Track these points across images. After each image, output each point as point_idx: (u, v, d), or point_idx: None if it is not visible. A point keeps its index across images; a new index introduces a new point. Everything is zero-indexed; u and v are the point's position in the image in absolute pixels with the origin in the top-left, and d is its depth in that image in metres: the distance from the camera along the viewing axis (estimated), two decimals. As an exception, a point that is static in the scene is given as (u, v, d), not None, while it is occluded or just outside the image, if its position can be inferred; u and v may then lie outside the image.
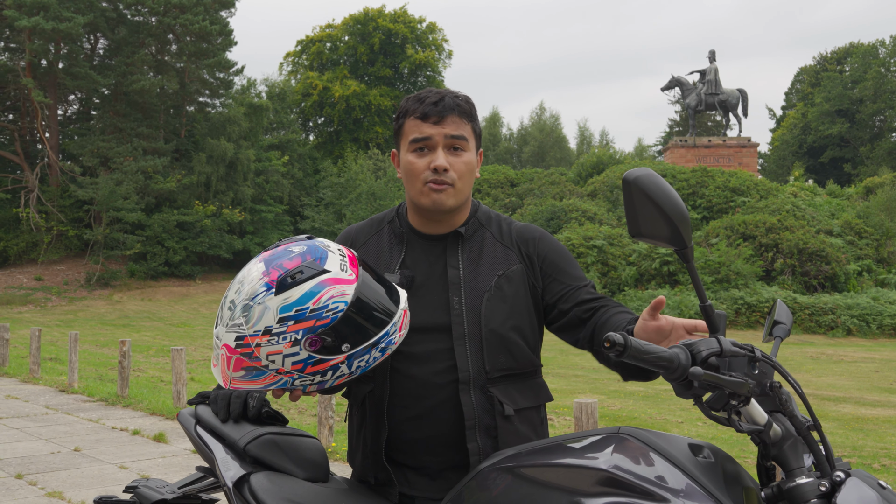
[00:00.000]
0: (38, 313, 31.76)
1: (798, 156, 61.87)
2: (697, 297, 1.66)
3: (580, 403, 5.46)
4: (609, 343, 1.47)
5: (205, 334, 24.02)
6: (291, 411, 10.47)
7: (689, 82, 43.28)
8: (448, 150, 2.09)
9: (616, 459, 1.62)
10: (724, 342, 1.57)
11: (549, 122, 71.17)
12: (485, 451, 2.02)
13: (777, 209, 32.48)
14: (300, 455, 2.22)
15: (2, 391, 11.63)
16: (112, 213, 37.59)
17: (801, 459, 1.63)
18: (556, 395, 12.08)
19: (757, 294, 26.74)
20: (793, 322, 2.09)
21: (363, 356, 1.87)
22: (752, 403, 1.59)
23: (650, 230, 1.61)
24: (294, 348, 1.82)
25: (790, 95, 71.14)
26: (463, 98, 2.14)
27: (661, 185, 1.59)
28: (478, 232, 2.18)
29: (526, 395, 2.10)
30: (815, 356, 18.91)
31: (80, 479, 6.58)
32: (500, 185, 42.90)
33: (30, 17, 37.19)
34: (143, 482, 2.50)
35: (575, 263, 2.20)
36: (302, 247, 1.89)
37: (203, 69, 44.20)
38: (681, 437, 1.69)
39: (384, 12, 55.47)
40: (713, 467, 1.62)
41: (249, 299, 1.83)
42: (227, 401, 2.29)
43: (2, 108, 43.66)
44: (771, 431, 1.61)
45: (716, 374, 1.49)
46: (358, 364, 1.87)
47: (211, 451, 2.25)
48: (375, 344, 1.87)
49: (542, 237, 2.19)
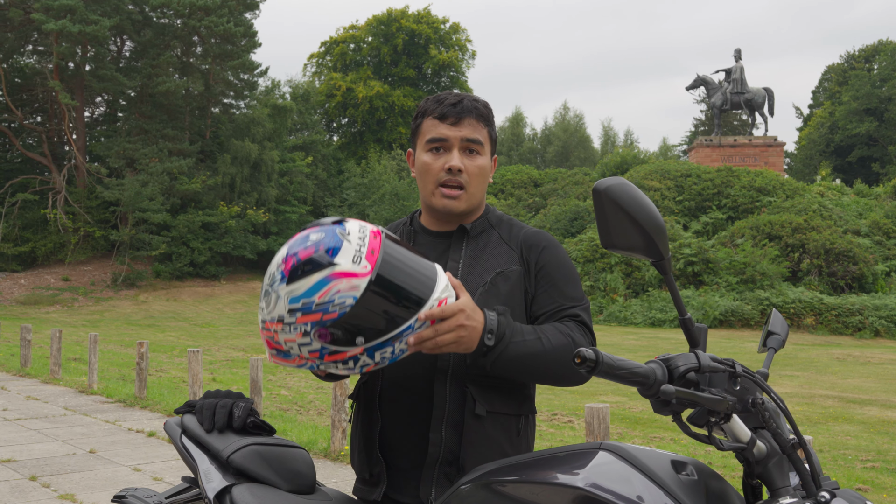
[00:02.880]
0: (64, 313, 32.08)
1: (825, 155, 61.20)
2: (676, 310, 1.61)
3: (591, 408, 5.39)
4: (580, 359, 1.42)
5: (228, 334, 24.14)
6: (311, 412, 10.48)
7: (715, 81, 42.97)
8: (463, 153, 2.10)
9: (594, 477, 1.58)
10: (702, 357, 1.51)
11: (573, 121, 70.94)
12: (448, 446, 2.00)
13: (804, 209, 32.14)
14: (285, 466, 2.19)
15: (23, 392, 11.73)
16: (138, 214, 37.89)
17: (786, 478, 1.57)
18: (577, 396, 12.06)
19: (783, 295, 26.46)
20: (788, 332, 2.03)
21: (384, 348, 1.79)
22: (735, 420, 1.53)
23: (623, 241, 1.56)
24: (306, 339, 1.77)
25: (817, 94, 70.38)
26: (482, 103, 2.16)
27: (635, 194, 1.54)
28: (486, 231, 2.17)
29: (507, 402, 2.05)
30: (841, 358, 18.66)
31: (94, 481, 6.60)
32: (523, 185, 42.81)
33: (57, 20, 37.57)
34: (130, 491, 2.48)
35: (574, 282, 2.12)
36: (320, 234, 1.81)
37: (228, 71, 44.46)
38: (664, 454, 1.64)
39: (407, 13, 55.53)
40: (695, 485, 1.57)
41: (269, 285, 1.81)
42: (213, 410, 2.27)
43: (30, 111, 44.18)
44: (755, 449, 1.55)
45: (690, 392, 1.43)
46: (382, 356, 1.80)
47: (195, 462, 2.23)
48: (398, 337, 1.78)
49: (548, 247, 2.14)
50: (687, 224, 34.32)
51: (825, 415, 10.81)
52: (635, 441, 8.84)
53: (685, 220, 34.63)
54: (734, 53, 42.49)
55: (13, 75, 42.40)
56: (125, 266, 37.72)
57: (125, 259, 37.88)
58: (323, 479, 6.76)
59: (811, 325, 25.35)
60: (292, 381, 13.55)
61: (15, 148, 43.66)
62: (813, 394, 12.78)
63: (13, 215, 38.91)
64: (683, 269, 29.39)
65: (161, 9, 42.56)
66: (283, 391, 12.26)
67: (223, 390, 2.36)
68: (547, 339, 1.94)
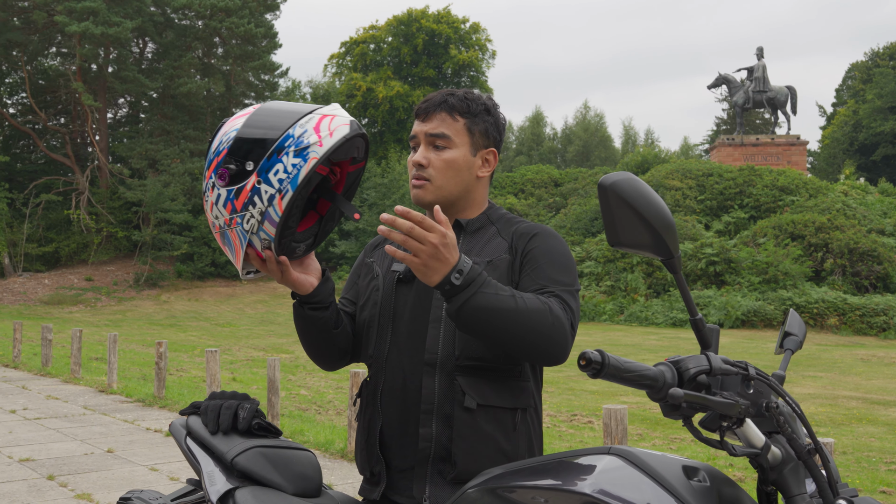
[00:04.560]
0: (87, 313, 32.33)
1: (849, 153, 60.54)
2: (687, 311, 1.55)
3: (609, 409, 5.32)
4: (585, 361, 1.36)
5: (249, 334, 24.22)
6: (330, 412, 10.46)
7: (737, 80, 42.62)
8: (429, 147, 2.07)
9: (602, 483, 1.52)
10: (713, 359, 1.45)
11: (594, 121, 70.68)
12: (438, 441, 1.97)
13: (827, 208, 31.80)
14: (290, 469, 2.15)
15: (43, 391, 11.80)
16: (160, 215, 38.14)
17: (802, 485, 1.51)
18: (597, 396, 11.97)
19: (806, 295, 26.18)
20: (805, 333, 1.96)
21: (275, 166, 1.84)
22: (748, 424, 1.48)
23: (631, 239, 1.50)
24: (214, 193, 1.90)
25: (841, 92, 69.67)
26: (459, 95, 2.10)
27: (642, 190, 1.48)
28: (484, 227, 2.13)
29: (499, 394, 1.99)
30: (865, 358, 18.43)
31: (111, 480, 6.61)
32: (543, 184, 42.68)
33: (80, 22, 37.90)
34: (136, 493, 2.45)
35: (561, 267, 2.01)
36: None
37: (248, 72, 44.69)
38: (676, 458, 1.59)
39: (428, 13, 55.52)
40: (707, 492, 1.51)
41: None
42: (217, 412, 2.24)
43: (54, 112, 44.61)
44: (769, 454, 1.49)
45: (700, 395, 1.38)
46: (279, 178, 1.84)
47: (199, 464, 2.20)
48: (281, 149, 1.84)
49: (540, 234, 2.06)
50: (709, 224, 34.06)
51: (849, 416, 10.67)
52: (655, 443, 8.76)
53: (707, 219, 34.37)
54: (756, 52, 42.13)
55: (37, 77, 42.85)
56: (147, 266, 37.97)
57: (147, 259, 38.13)
58: (339, 481, 6.73)
59: (835, 326, 25.07)
60: (312, 380, 13.55)
61: (39, 149, 44.11)
62: (836, 395, 12.62)
63: (37, 216, 39.29)
64: (705, 268, 29.15)
65: (182, 10, 42.84)
66: (302, 391, 12.27)
67: (228, 391, 2.33)
68: (521, 300, 1.82)
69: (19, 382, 12.73)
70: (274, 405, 8.77)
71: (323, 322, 2.10)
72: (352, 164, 2.05)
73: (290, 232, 1.94)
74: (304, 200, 1.89)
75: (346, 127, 1.93)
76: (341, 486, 6.54)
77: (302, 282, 2.04)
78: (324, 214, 2.08)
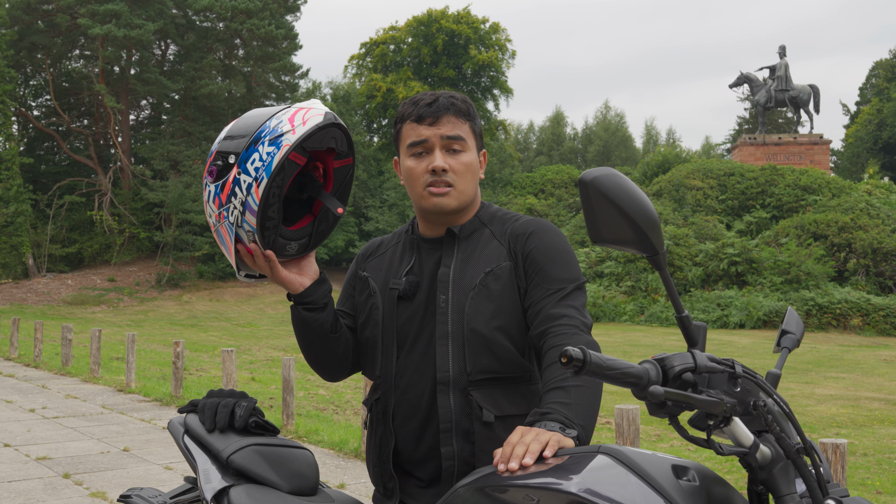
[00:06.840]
0: (110, 313, 32.59)
1: (873, 153, 59.89)
2: (673, 308, 1.53)
3: (621, 410, 5.29)
4: (566, 358, 1.35)
5: (269, 334, 24.32)
6: (347, 412, 10.48)
7: (759, 79, 42.29)
8: (445, 151, 2.04)
9: (589, 482, 1.51)
10: (699, 357, 1.43)
11: (615, 121, 70.41)
12: (461, 457, 1.96)
13: (850, 208, 31.50)
14: (287, 467, 2.15)
15: (62, 390, 11.90)
16: (181, 216, 38.40)
17: (792, 485, 1.48)
18: (611, 397, 11.90)
19: (828, 295, 25.96)
20: (803, 331, 1.93)
21: (252, 156, 1.92)
22: (736, 423, 1.45)
23: (613, 235, 1.48)
24: (206, 192, 2.02)
25: (865, 91, 68.94)
26: (459, 98, 2.09)
27: (625, 185, 1.46)
28: (477, 231, 2.10)
29: (514, 402, 1.99)
30: (889, 359, 18.24)
31: (126, 479, 6.65)
32: (564, 184, 42.58)
33: (102, 25, 38.23)
34: (136, 491, 2.46)
35: (562, 262, 1.99)
36: None
37: (269, 73, 44.89)
38: (666, 457, 1.57)
39: (447, 13, 55.49)
40: (697, 491, 1.49)
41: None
42: (214, 410, 2.24)
43: (77, 114, 45.03)
44: (758, 454, 1.47)
45: (682, 392, 1.35)
46: (255, 167, 1.91)
47: (195, 462, 2.20)
48: (258, 139, 1.93)
49: (535, 233, 2.03)
50: (730, 223, 33.84)
51: (871, 417, 10.55)
52: (673, 444, 8.71)
53: (728, 219, 34.15)
54: (778, 50, 41.78)
55: (61, 80, 43.28)
56: (169, 267, 38.23)
57: (169, 260, 38.39)
58: (352, 480, 6.74)
59: (858, 326, 24.84)
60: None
61: (63, 151, 44.53)
62: (859, 396, 12.49)
63: (61, 217, 39.67)
64: (727, 269, 28.97)
65: (204, 12, 43.10)
66: (321, 391, 12.30)
67: (226, 389, 2.33)
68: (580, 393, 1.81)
69: (39, 381, 12.85)
70: (289, 404, 8.79)
71: (319, 324, 2.09)
72: (336, 159, 2.05)
73: (274, 224, 1.96)
74: (282, 189, 1.93)
75: (320, 116, 1.98)
76: (354, 485, 6.55)
77: (292, 280, 2.05)
78: (318, 215, 2.09)
